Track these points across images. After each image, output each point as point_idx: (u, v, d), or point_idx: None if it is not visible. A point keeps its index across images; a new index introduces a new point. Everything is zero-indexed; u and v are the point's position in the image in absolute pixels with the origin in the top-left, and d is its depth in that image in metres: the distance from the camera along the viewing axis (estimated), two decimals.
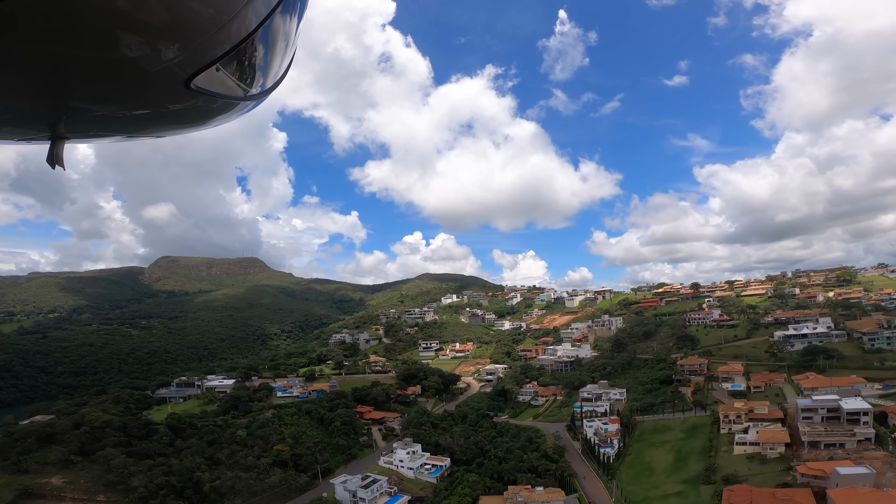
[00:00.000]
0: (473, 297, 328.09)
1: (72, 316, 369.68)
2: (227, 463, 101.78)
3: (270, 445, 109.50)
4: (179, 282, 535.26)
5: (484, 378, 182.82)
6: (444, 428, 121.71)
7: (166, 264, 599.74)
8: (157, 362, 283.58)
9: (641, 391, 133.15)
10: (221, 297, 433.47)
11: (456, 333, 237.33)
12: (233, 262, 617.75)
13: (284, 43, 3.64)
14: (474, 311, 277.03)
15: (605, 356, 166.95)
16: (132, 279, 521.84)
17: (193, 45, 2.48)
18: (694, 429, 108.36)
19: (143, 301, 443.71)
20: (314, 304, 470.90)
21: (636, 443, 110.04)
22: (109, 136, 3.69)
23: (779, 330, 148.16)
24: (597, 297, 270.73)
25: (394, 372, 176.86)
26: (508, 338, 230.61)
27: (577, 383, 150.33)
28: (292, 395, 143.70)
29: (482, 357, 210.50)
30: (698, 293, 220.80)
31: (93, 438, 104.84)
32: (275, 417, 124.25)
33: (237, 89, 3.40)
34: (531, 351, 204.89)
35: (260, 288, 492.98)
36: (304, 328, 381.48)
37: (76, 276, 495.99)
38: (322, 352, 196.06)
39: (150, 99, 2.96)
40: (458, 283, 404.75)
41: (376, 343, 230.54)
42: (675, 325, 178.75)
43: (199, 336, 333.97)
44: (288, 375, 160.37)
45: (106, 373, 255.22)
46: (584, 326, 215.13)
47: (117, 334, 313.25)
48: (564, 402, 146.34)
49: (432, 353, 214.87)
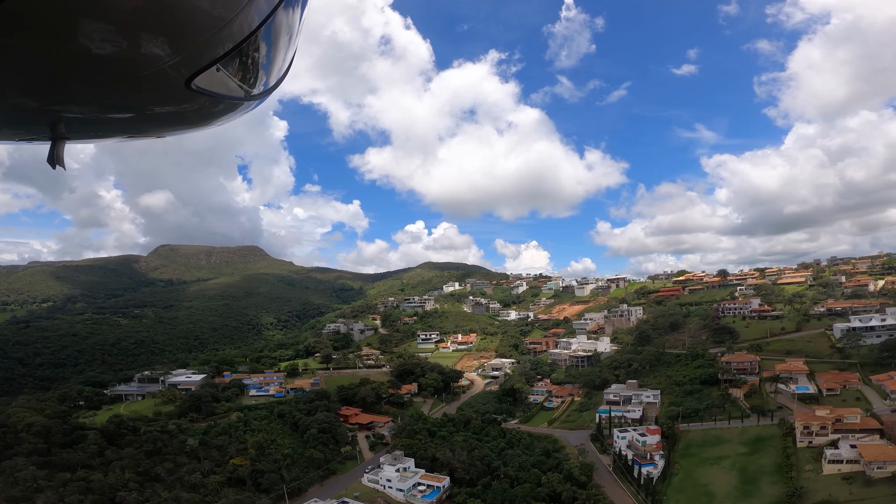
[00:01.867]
0: (477, 285, 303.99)
1: (66, 305, 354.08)
2: (167, 480, 78.92)
3: (227, 458, 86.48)
4: (177, 270, 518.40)
5: (489, 374, 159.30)
6: (443, 437, 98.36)
7: (165, 252, 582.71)
8: (144, 353, 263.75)
9: (679, 393, 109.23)
10: (216, 286, 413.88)
11: (458, 324, 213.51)
12: (232, 250, 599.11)
13: (287, 39, 3.42)
14: (478, 300, 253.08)
15: (629, 351, 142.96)
16: (129, 268, 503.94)
17: (193, 46, 2.43)
18: (759, 441, 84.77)
19: (140, 290, 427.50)
20: (314, 292, 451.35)
21: (683, 458, 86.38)
22: (110, 136, 3.58)
23: (837, 322, 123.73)
24: (610, 285, 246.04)
25: (388, 367, 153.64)
26: (515, 329, 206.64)
27: (598, 382, 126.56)
28: (267, 393, 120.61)
29: (487, 350, 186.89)
30: (726, 281, 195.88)
31: (4, 445, 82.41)
32: (240, 422, 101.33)
33: (238, 89, 3.24)
34: (541, 344, 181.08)
35: (258, 276, 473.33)
36: (302, 317, 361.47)
37: (72, 264, 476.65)
38: (310, 343, 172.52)
39: (150, 99, 2.88)
40: (461, 272, 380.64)
41: (372, 334, 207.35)
42: (706, 316, 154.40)
43: (191, 325, 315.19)
44: (265, 371, 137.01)
45: (87, 364, 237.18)
46: (599, 317, 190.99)
47: (105, 323, 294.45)
48: (584, 404, 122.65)
49: (432, 345, 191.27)
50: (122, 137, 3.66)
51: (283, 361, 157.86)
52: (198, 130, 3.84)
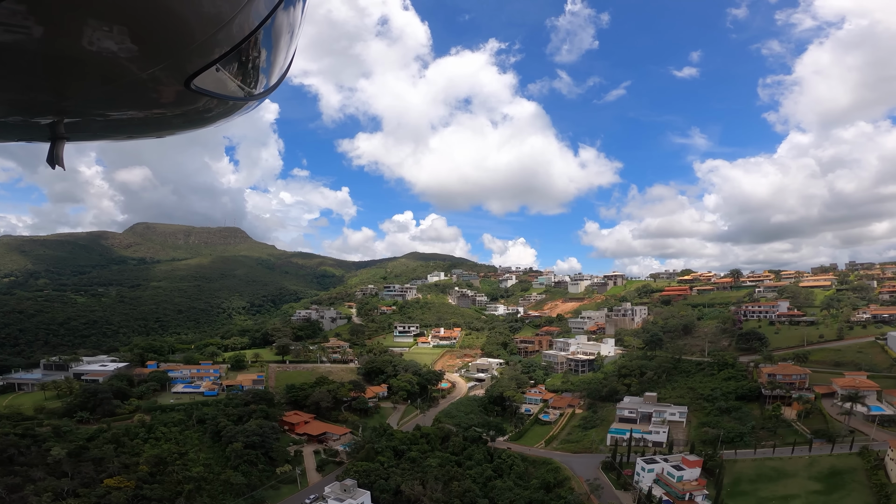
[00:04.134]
0: (464, 276, 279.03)
1: (28, 281, 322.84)
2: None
3: (102, 478, 60.28)
4: (152, 249, 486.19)
5: (473, 376, 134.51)
6: (413, 459, 73.26)
7: (141, 230, 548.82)
8: (94, 334, 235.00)
9: (711, 411, 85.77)
10: (188, 266, 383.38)
11: (441, 316, 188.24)
12: (213, 231, 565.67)
13: (287, 39, 3.29)
14: (464, 292, 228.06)
15: (638, 355, 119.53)
16: (101, 245, 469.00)
17: (193, 46, 2.35)
18: (835, 475, 61.94)
19: (110, 267, 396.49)
20: (294, 277, 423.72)
21: (734, 499, 62.74)
22: (109, 136, 3.50)
23: (888, 330, 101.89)
24: (606, 282, 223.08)
25: (357, 362, 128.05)
26: (504, 325, 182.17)
27: (605, 392, 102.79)
28: (196, 390, 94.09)
29: (472, 347, 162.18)
30: (738, 282, 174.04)
31: None
32: (142, 426, 74.97)
33: (238, 89, 3.17)
34: (533, 343, 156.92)
35: (236, 259, 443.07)
36: (277, 303, 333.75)
37: (39, 239, 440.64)
38: (268, 330, 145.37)
39: (150, 100, 2.82)
40: (448, 263, 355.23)
41: (344, 323, 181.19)
42: (726, 319, 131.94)
43: (154, 307, 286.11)
44: (201, 363, 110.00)
45: (28, 345, 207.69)
46: (598, 315, 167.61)
47: (59, 301, 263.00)
48: (588, 418, 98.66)
49: (410, 338, 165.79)
50: (121, 137, 3.54)
51: (234, 350, 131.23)
52: (198, 130, 3.63)
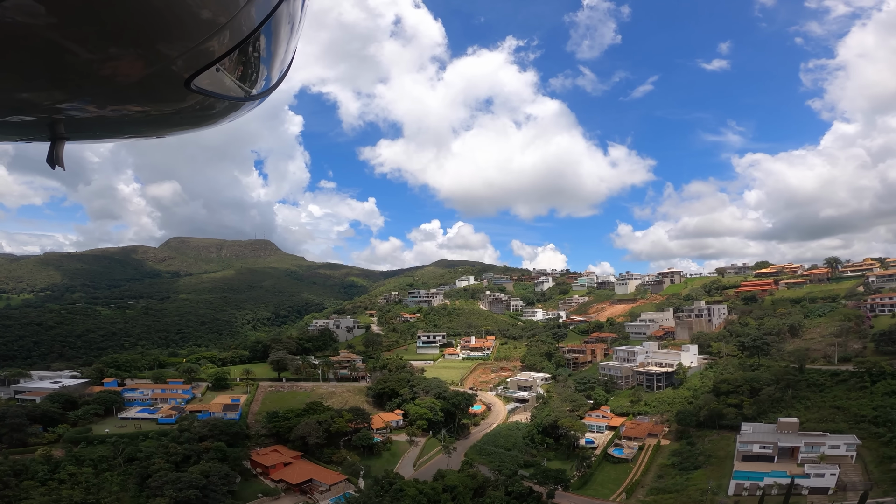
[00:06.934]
0: (495, 280, 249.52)
1: (63, 295, 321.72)
2: None
3: None
4: (186, 262, 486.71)
5: (514, 395, 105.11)
6: None
7: (175, 245, 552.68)
8: (111, 346, 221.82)
9: (893, 440, 53.81)
10: (216, 279, 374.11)
11: (472, 323, 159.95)
12: (244, 244, 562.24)
13: (287, 39, 3.24)
14: (496, 296, 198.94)
15: (735, 365, 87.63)
16: (135, 259, 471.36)
17: (193, 46, 2.30)
18: None
19: (143, 281, 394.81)
20: (320, 288, 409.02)
21: None
22: (109, 136, 3.43)
23: None
24: (662, 280, 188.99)
25: (368, 379, 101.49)
26: (545, 332, 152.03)
27: (702, 416, 71.97)
28: (152, 415, 69.70)
29: (509, 359, 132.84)
30: (838, 274, 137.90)
31: None
32: (44, 463, 50.42)
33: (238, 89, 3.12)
34: (584, 352, 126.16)
35: (264, 270, 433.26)
36: (302, 313, 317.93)
37: (77, 255, 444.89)
38: (266, 342, 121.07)
39: (149, 99, 2.79)
40: (477, 268, 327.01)
41: (361, 333, 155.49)
42: (844, 316, 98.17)
43: (178, 318, 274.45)
44: (168, 380, 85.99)
45: (40, 358, 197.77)
46: (662, 318, 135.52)
47: (83, 313, 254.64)
48: (682, 453, 67.96)
49: (436, 349, 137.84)
50: (121, 138, 3.43)
51: (232, 365, 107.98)
52: (198, 131, 3.54)
